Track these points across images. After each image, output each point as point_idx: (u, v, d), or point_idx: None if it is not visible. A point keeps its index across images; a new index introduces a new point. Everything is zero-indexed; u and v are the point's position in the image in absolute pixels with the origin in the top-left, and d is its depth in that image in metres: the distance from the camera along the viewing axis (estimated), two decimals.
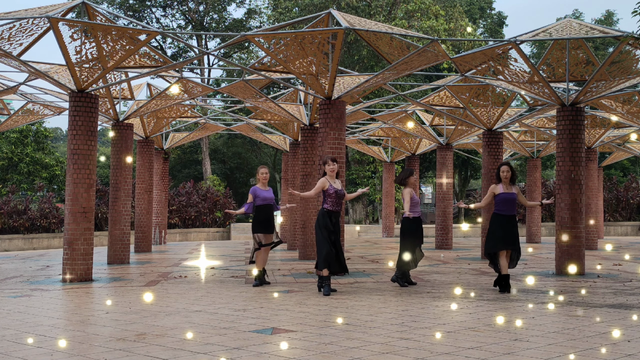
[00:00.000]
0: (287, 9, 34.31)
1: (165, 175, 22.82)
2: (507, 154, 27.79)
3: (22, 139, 33.87)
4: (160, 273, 12.80)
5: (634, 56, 12.34)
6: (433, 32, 30.36)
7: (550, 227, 29.83)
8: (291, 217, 19.60)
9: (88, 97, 11.72)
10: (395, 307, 8.24)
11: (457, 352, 5.63)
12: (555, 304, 8.55)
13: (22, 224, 25.89)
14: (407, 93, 20.21)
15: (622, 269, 13.57)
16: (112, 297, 9.28)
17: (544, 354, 5.59)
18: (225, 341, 6.11)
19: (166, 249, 20.91)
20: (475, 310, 7.98)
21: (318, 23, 12.41)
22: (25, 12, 11.31)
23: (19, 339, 6.27)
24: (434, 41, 11.43)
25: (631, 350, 5.76)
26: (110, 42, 11.50)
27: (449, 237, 20.39)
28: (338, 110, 12.55)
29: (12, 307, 8.32)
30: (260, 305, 8.40)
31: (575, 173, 12.68)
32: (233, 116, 21.33)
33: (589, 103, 14.15)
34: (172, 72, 15.36)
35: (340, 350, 5.73)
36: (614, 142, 23.38)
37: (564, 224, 12.69)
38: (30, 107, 18.16)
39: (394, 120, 20.45)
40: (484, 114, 16.57)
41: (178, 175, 46.31)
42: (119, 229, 15.40)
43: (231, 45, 32.86)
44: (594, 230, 20.68)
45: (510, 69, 12.99)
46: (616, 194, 32.38)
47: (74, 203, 11.49)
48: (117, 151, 15.51)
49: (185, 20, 42.79)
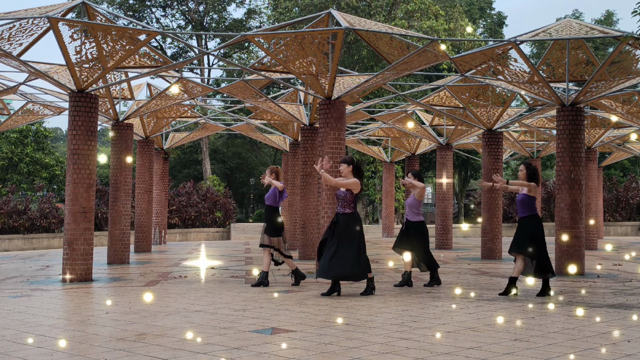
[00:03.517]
0: (287, 9, 34.31)
1: (165, 175, 22.82)
2: (507, 154, 27.79)
3: (22, 139, 33.88)
4: (160, 273, 12.80)
5: (634, 56, 12.35)
6: (433, 32, 30.37)
7: (550, 227, 29.81)
8: (291, 217, 19.59)
9: (88, 97, 11.72)
10: (395, 307, 8.24)
11: (457, 352, 5.63)
12: (555, 304, 8.55)
13: (22, 224, 25.90)
14: (407, 93, 20.21)
15: (622, 269, 13.57)
16: (112, 297, 9.28)
17: (544, 354, 5.59)
18: (225, 341, 6.11)
19: (166, 249, 20.91)
20: (475, 310, 7.98)
21: (318, 23, 12.41)
22: (25, 12, 11.31)
23: (19, 339, 6.27)
24: (433, 41, 11.43)
25: (631, 350, 5.76)
26: (110, 42, 11.50)
27: (449, 237, 20.39)
28: (338, 110, 12.55)
29: (12, 307, 8.32)
30: (260, 305, 8.40)
31: (575, 173, 12.68)
32: (233, 116, 21.33)
33: (588, 103, 14.15)
34: (172, 72, 15.36)
35: (340, 350, 5.73)
36: (614, 142, 23.38)
37: (564, 224, 12.70)
38: (30, 107, 18.16)
39: (394, 120, 20.45)
40: (484, 114, 16.58)
41: (178, 175, 46.32)
42: (119, 229, 15.40)
43: (231, 45, 32.86)
44: (593, 231, 20.69)
45: (510, 69, 12.99)
46: (616, 194, 32.38)
47: (74, 203, 11.49)
48: (117, 151, 15.51)
49: (185, 20, 42.81)
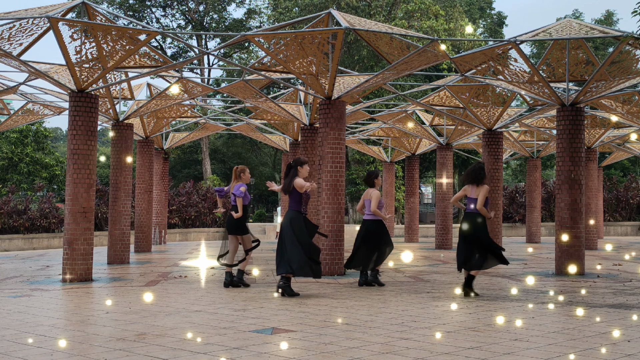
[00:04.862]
0: (287, 9, 34.31)
1: (165, 175, 22.81)
2: (507, 154, 27.80)
3: (22, 139, 33.86)
4: (160, 273, 12.80)
5: (634, 56, 12.34)
6: (433, 32, 30.36)
7: (550, 227, 29.82)
8: None
9: (88, 97, 11.72)
10: (395, 307, 8.24)
11: (457, 352, 5.63)
12: (555, 304, 8.55)
13: (22, 224, 25.88)
14: (407, 93, 20.21)
15: (622, 269, 13.57)
16: (112, 297, 9.28)
17: (544, 354, 5.59)
18: (225, 341, 6.11)
19: (166, 249, 20.90)
20: (475, 310, 7.98)
21: (318, 23, 12.41)
22: (25, 12, 11.30)
23: (19, 339, 6.27)
24: (433, 41, 11.43)
25: (631, 350, 5.76)
26: (110, 42, 11.50)
27: (449, 237, 20.39)
28: (338, 110, 12.55)
29: (12, 307, 8.32)
30: (260, 305, 8.40)
31: (575, 173, 12.68)
32: (233, 116, 21.32)
33: (589, 103, 14.15)
34: (172, 72, 15.36)
35: (340, 350, 5.73)
36: (614, 142, 23.38)
37: (564, 224, 12.69)
38: (30, 107, 18.15)
39: (394, 120, 20.44)
40: (484, 114, 16.58)
41: (178, 175, 46.32)
42: (119, 229, 15.40)
43: (231, 45, 32.85)
44: (593, 230, 20.68)
45: (510, 69, 12.99)
46: (616, 194, 32.37)
47: (74, 203, 11.49)
48: (117, 151, 15.51)
49: (185, 20, 42.80)
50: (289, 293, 9.23)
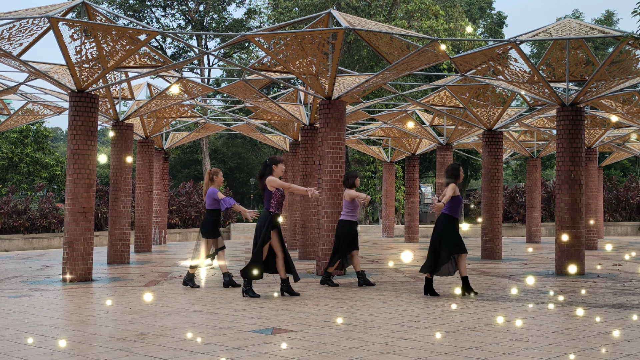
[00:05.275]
0: (287, 9, 34.31)
1: (165, 175, 22.82)
2: (507, 154, 27.79)
3: (22, 139, 33.87)
4: (160, 273, 12.80)
5: (634, 56, 12.34)
6: (433, 32, 30.36)
7: (550, 227, 29.82)
8: (291, 217, 19.60)
9: (88, 97, 11.72)
10: (395, 307, 8.24)
11: (457, 352, 5.63)
12: (555, 304, 8.55)
13: (22, 224, 25.89)
14: (407, 93, 20.21)
15: (622, 269, 13.57)
16: (112, 297, 9.28)
17: (544, 354, 5.59)
18: (225, 341, 6.11)
19: (166, 249, 20.90)
20: (475, 310, 7.98)
21: (318, 23, 12.41)
22: (25, 12, 11.30)
23: (19, 339, 6.27)
24: (433, 41, 11.43)
25: (631, 350, 5.76)
26: (110, 42, 11.50)
27: None
28: (338, 110, 12.55)
29: (12, 307, 8.32)
30: (260, 305, 8.40)
31: (575, 173, 12.68)
32: (233, 116, 21.32)
33: (589, 103, 14.15)
34: (172, 72, 15.36)
35: (340, 350, 5.73)
36: (614, 142, 23.38)
37: (564, 224, 12.69)
38: (30, 107, 18.15)
39: (394, 120, 20.45)
40: (484, 114, 16.57)
41: (178, 175, 46.33)
42: (119, 229, 15.40)
43: (231, 45, 32.85)
44: (594, 230, 20.68)
45: (510, 69, 12.99)
46: (616, 194, 32.38)
47: (74, 203, 11.49)
48: (117, 151, 15.51)
49: (185, 20, 42.78)
50: (250, 294, 9.27)
